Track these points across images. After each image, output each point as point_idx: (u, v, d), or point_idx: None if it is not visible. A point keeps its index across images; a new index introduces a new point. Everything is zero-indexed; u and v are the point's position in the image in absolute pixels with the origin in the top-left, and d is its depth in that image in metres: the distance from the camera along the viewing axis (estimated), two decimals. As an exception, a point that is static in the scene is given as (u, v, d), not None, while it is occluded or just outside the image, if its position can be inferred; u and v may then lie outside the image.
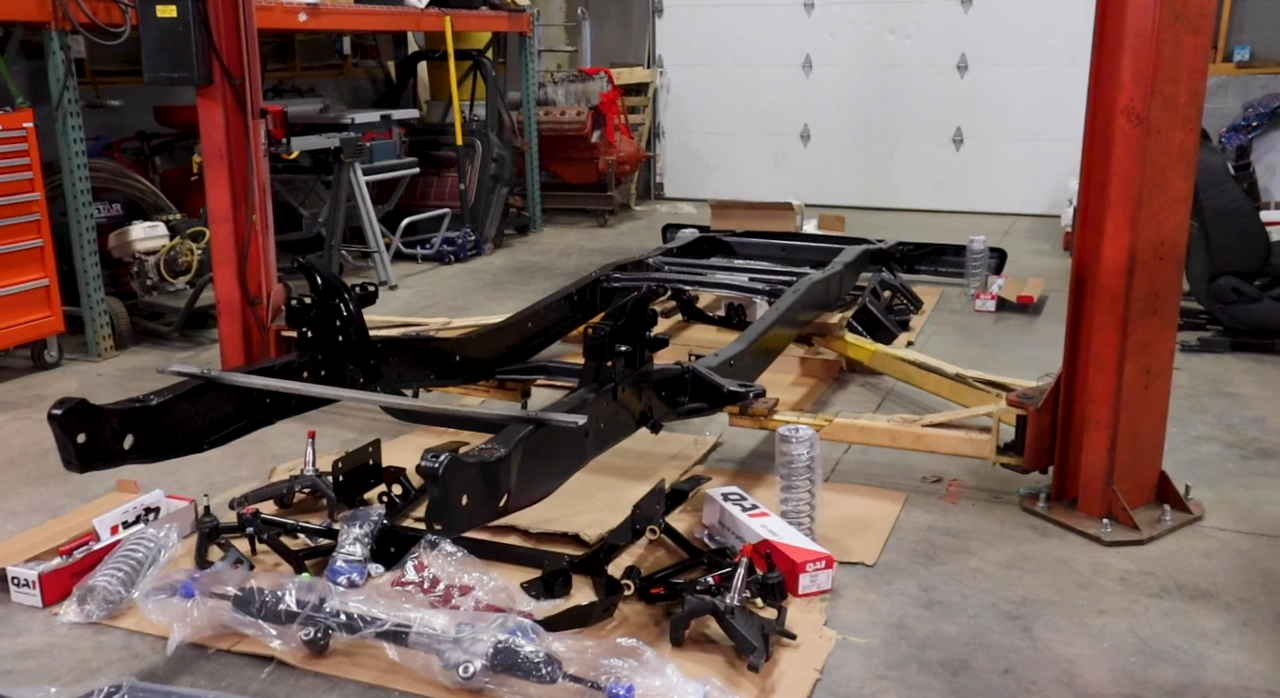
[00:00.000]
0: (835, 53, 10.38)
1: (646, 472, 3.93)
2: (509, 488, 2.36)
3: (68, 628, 2.92)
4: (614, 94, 9.57)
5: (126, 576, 3.01)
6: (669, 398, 3.37)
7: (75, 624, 2.92)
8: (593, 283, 5.07)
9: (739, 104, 10.80)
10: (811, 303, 4.98)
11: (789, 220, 6.86)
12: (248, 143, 4.49)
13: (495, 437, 2.43)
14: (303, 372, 3.25)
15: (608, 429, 2.91)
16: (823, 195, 10.48)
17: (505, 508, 2.38)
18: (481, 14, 8.42)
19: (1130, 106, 3.19)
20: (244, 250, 4.57)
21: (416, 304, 6.73)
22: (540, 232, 9.38)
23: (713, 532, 3.43)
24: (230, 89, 4.43)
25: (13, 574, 3.03)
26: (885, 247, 6.63)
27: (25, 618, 2.97)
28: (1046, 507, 3.60)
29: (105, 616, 2.93)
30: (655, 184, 11.31)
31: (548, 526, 3.42)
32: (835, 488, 3.84)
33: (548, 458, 2.53)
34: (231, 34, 4.38)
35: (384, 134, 7.58)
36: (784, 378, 5.12)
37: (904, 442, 3.77)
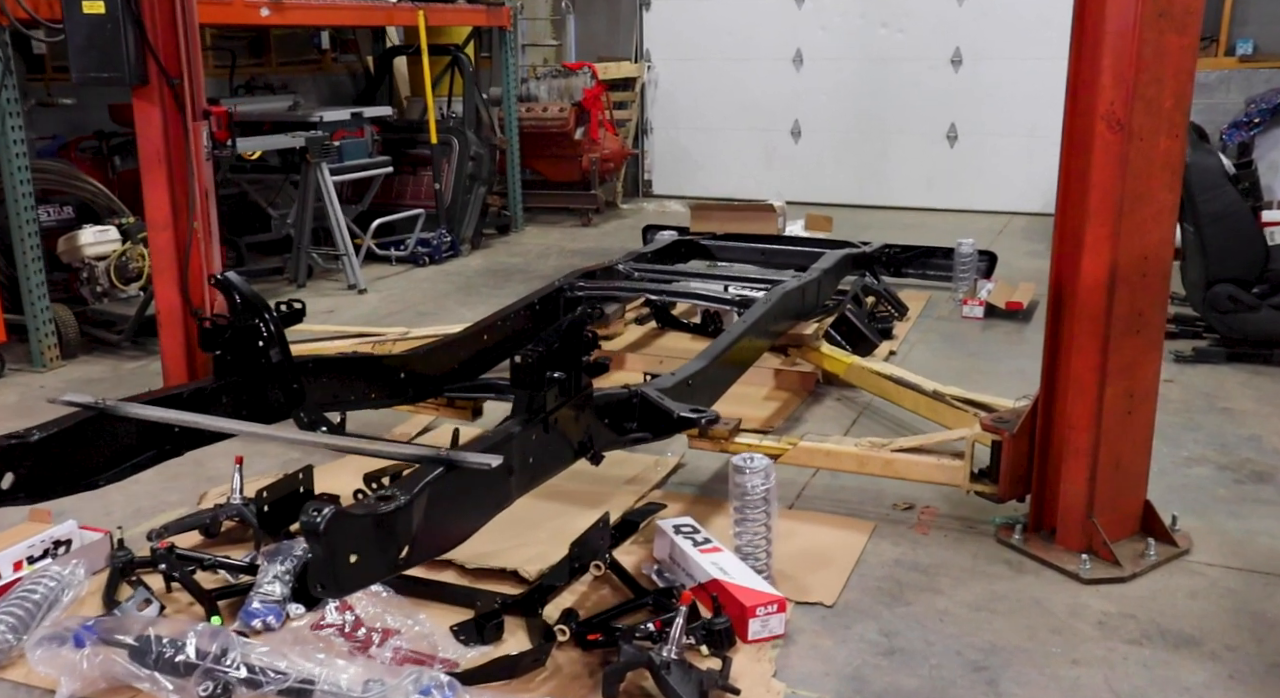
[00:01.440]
0: (826, 47, 10.11)
1: (600, 498, 3.71)
2: (411, 539, 2.13)
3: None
4: (598, 90, 9.32)
5: (20, 620, 2.79)
6: (615, 425, 3.14)
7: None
8: (555, 292, 4.83)
9: (728, 99, 10.55)
10: (786, 312, 4.74)
11: (770, 222, 6.61)
12: (188, 145, 4.24)
13: (399, 481, 2.20)
14: (221, 397, 3.02)
15: (539, 464, 2.67)
16: (814, 193, 10.24)
17: (408, 560, 2.15)
18: (459, 8, 8.17)
19: (1110, 112, 2.95)
20: (185, 259, 4.33)
21: (384, 309, 6.50)
22: (522, 231, 9.14)
23: (664, 567, 3.20)
24: (169, 89, 4.19)
25: (-98, 618, 2.81)
26: (869, 250, 6.39)
27: (-89, 667, 2.75)
28: (1023, 539, 3.37)
29: (-4, 665, 2.71)
30: (644, 181, 11.06)
31: (486, 560, 3.20)
32: (799, 516, 3.61)
33: (461, 502, 2.30)
34: (168, 30, 4.14)
35: (355, 132, 7.35)
36: (757, 391, 4.89)
37: (872, 467, 3.54)
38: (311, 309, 6.49)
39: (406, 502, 2.09)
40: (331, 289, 7.05)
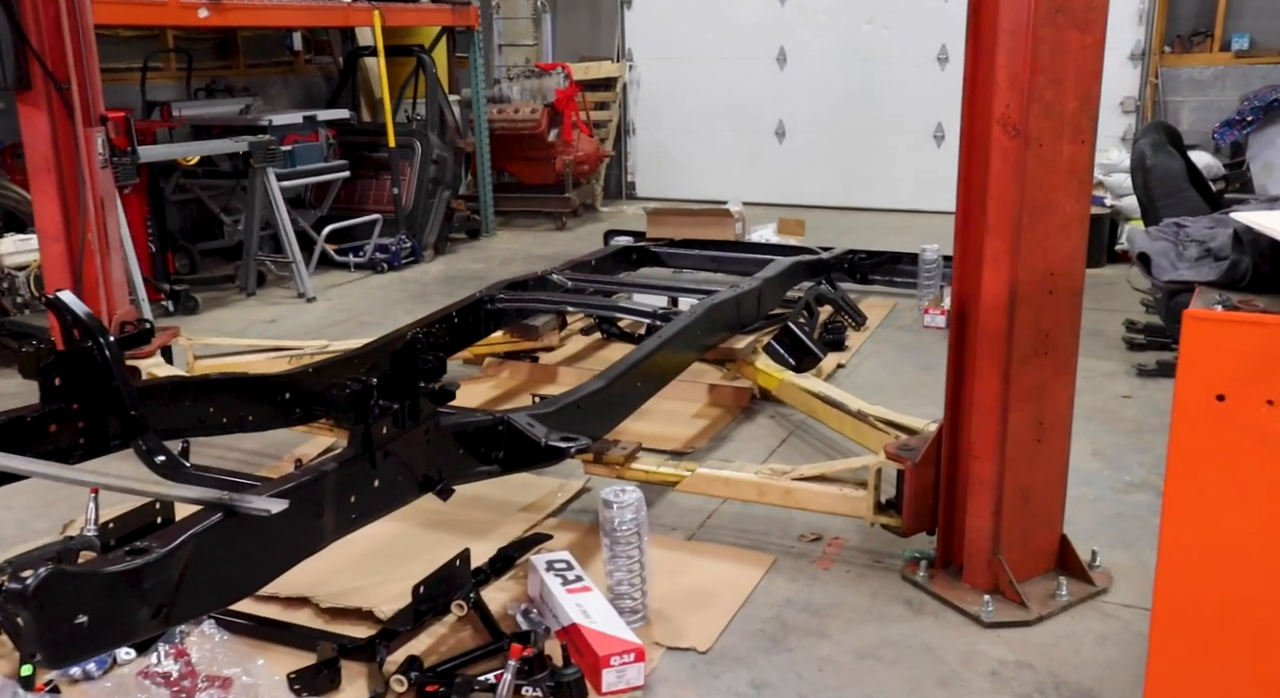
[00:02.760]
0: (810, 45, 9.85)
1: (488, 526, 3.49)
2: (171, 595, 1.92)
3: None
4: (571, 90, 9.11)
5: None
6: (483, 454, 2.92)
7: None
8: (475, 303, 4.62)
9: (711, 99, 10.30)
10: (716, 324, 4.51)
11: (727, 228, 6.38)
12: (79, 153, 4.06)
13: (159, 533, 1.99)
14: (47, 425, 2.82)
15: (365, 501, 2.46)
16: (799, 195, 9.98)
17: (169, 619, 1.94)
18: (421, 8, 7.98)
19: (1006, 116, 2.70)
20: (79, 271, 4.15)
21: (329, 319, 6.32)
22: (493, 235, 8.94)
23: (535, 607, 2.98)
24: (57, 94, 4.02)
25: None
26: (829, 256, 6.14)
27: None
28: (928, 576, 3.12)
29: None
30: (627, 183, 10.84)
31: (343, 599, 2.99)
32: (696, 548, 3.38)
33: (248, 550, 2.09)
34: (54, 32, 3.96)
35: (309, 136, 7.16)
36: (687, 408, 4.66)
37: (771, 497, 3.30)
38: (254, 318, 6.41)
39: (158, 557, 1.88)
40: (282, 297, 6.88)
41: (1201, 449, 1.50)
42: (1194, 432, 1.49)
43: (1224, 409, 1.46)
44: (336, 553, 3.08)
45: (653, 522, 3.57)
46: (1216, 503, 1.52)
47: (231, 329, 6.10)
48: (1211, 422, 1.47)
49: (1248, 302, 1.48)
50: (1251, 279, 1.55)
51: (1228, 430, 1.47)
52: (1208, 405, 1.46)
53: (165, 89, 7.85)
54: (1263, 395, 1.43)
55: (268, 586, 2.93)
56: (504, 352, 5.14)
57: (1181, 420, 1.50)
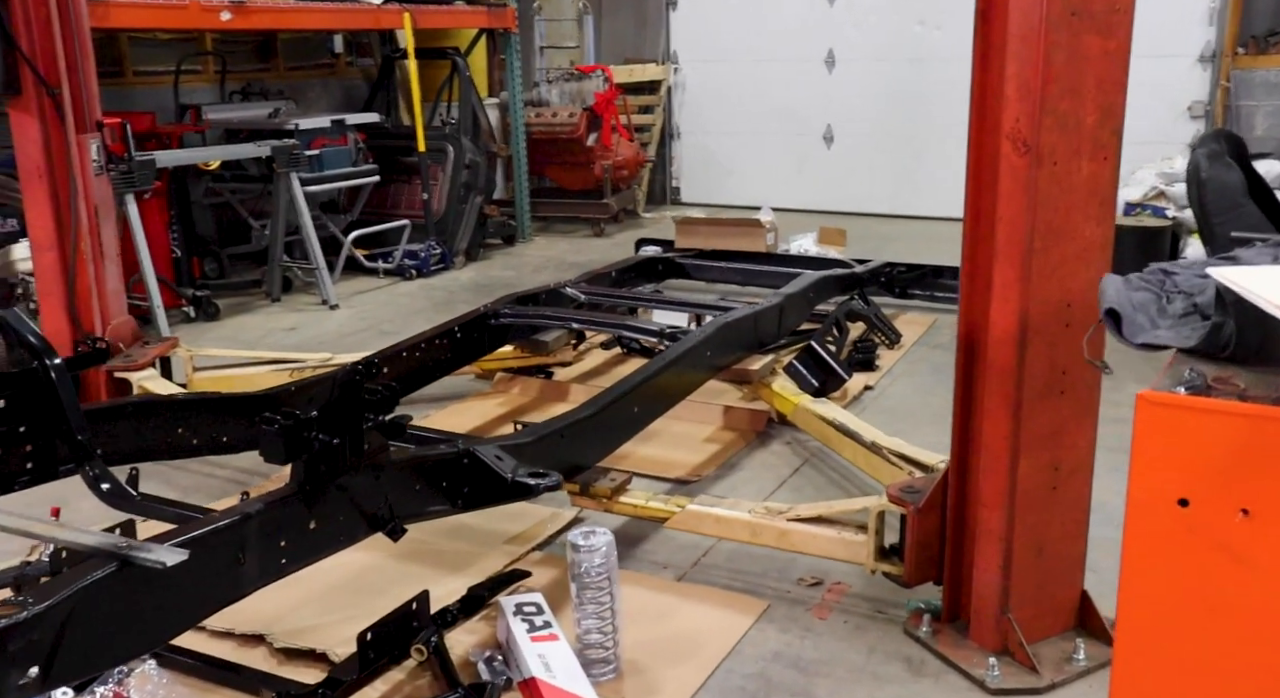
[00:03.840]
0: (860, 46, 9.54)
1: (468, 559, 3.30)
2: (49, 656, 1.75)
3: None
4: (611, 94, 8.91)
5: None
6: (445, 489, 2.73)
7: None
8: (480, 318, 4.44)
9: (758, 103, 10.03)
10: (729, 343, 4.27)
11: (759, 238, 6.13)
12: (71, 160, 3.96)
13: (41, 585, 1.82)
14: (-9, 450, 2.69)
15: (298, 543, 2.28)
16: (846, 201, 9.68)
17: (46, 681, 1.78)
18: (455, 10, 7.83)
19: (1015, 130, 2.43)
20: (72, 281, 4.05)
21: (348, 327, 6.19)
22: (529, 241, 8.78)
23: (501, 653, 2.78)
24: (50, 100, 3.91)
25: None
26: (865, 269, 5.86)
27: None
28: (931, 632, 2.86)
29: None
30: (671, 189, 10.61)
31: (298, 638, 2.82)
32: (686, 590, 3.15)
33: (149, 603, 1.92)
34: (45, 36, 3.86)
35: (337, 140, 7.05)
36: (699, 431, 4.43)
37: (766, 538, 3.06)
38: (274, 325, 6.30)
39: (26, 617, 1.71)
40: (306, 303, 6.77)
41: (1160, 565, 1.23)
42: (1151, 543, 1.23)
43: (1187, 517, 1.20)
44: (301, 585, 2.92)
45: (644, 558, 3.37)
46: (1177, 632, 1.26)
47: (250, 336, 6.01)
48: (1172, 532, 1.21)
49: (1224, 380, 1.21)
50: (1237, 346, 1.27)
51: (1192, 544, 1.20)
52: (1168, 511, 1.19)
53: (202, 92, 7.82)
54: (1235, 503, 1.16)
55: (223, 619, 2.84)
56: (516, 367, 4.96)
57: (1136, 528, 1.23)
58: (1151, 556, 1.22)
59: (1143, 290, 1.40)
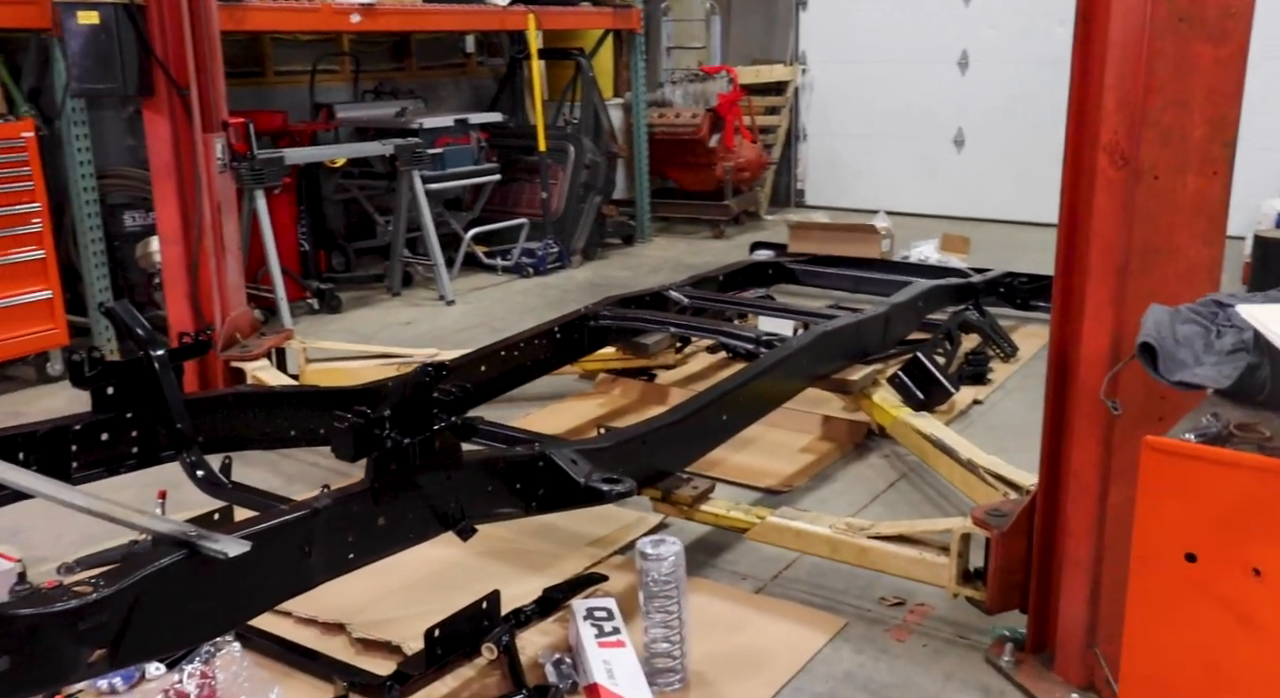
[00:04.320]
0: (996, 48, 9.24)
1: (550, 559, 3.33)
2: (114, 638, 1.84)
3: None
4: (734, 95, 8.85)
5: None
6: (520, 490, 2.76)
7: None
8: (579, 319, 4.47)
9: (887, 105, 9.82)
10: (829, 353, 4.20)
11: (873, 244, 6.00)
12: (197, 158, 4.15)
13: (111, 570, 1.91)
14: (100, 433, 2.84)
15: (366, 541, 2.33)
16: (976, 207, 9.41)
17: (115, 661, 1.86)
18: (580, 11, 7.91)
19: (1113, 143, 2.31)
20: (195, 273, 4.25)
21: (462, 323, 6.32)
22: (648, 242, 8.80)
23: (570, 656, 2.79)
24: (179, 100, 4.11)
25: None
26: (984, 278, 5.67)
27: None
28: (1014, 662, 2.75)
29: None
30: (795, 191, 10.48)
31: (376, 630, 2.89)
32: (763, 604, 3.11)
33: (208, 593, 1.99)
34: (177, 41, 4.05)
35: (461, 139, 7.21)
36: (796, 440, 4.36)
37: (845, 555, 2.99)
38: (391, 319, 6.48)
39: (96, 599, 1.80)
40: (424, 298, 6.95)
41: (1164, 621, 1.14)
42: (1156, 598, 1.14)
43: (1195, 574, 1.10)
44: (385, 577, 3.01)
45: (724, 568, 3.34)
46: (1178, 693, 1.16)
47: (368, 329, 6.20)
48: (1178, 588, 1.11)
49: (1249, 427, 1.11)
50: (1272, 390, 1.15)
51: (1198, 602, 1.10)
52: (1174, 566, 1.10)
53: (337, 91, 8.09)
54: (1246, 561, 1.06)
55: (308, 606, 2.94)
56: (619, 368, 4.98)
57: (1140, 582, 1.14)
58: (1156, 611, 1.14)
59: (1191, 323, 1.30)
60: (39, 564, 3.33)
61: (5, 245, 4.92)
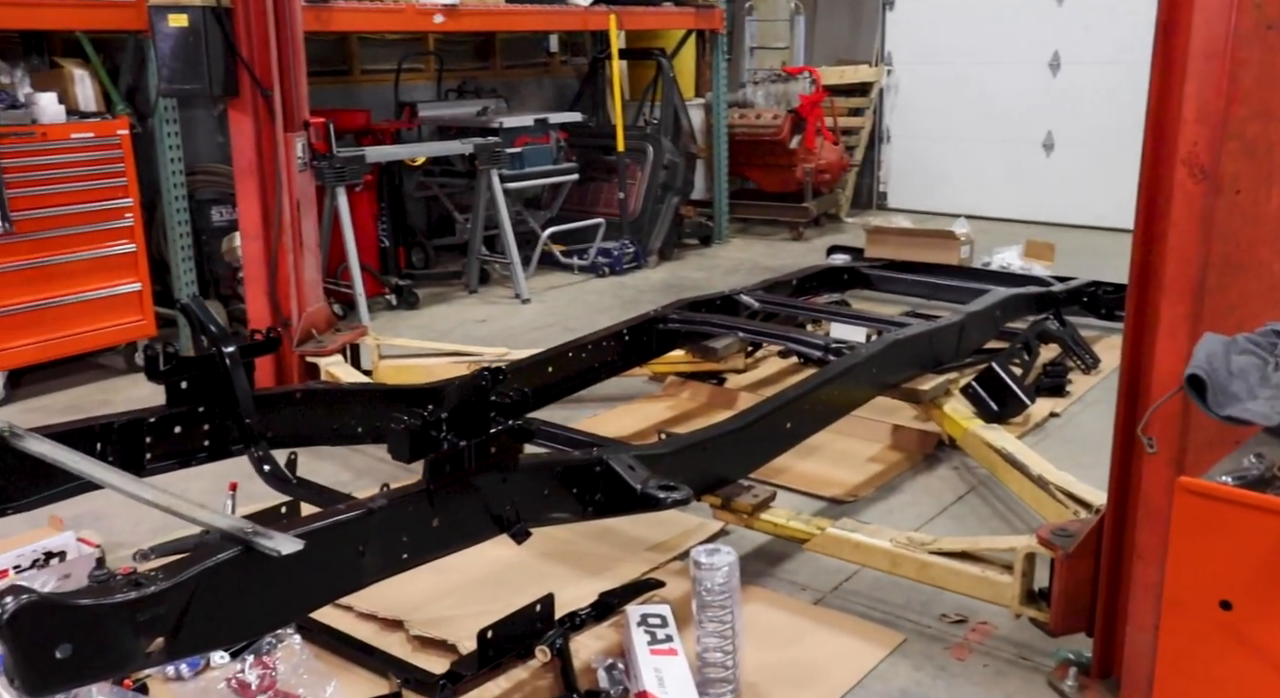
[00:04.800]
0: (1089, 49, 8.99)
1: (609, 563, 3.34)
2: (173, 629, 1.89)
3: (-116, 687, 2.75)
4: (817, 96, 8.76)
5: (-39, 634, 2.81)
6: (577, 495, 2.76)
7: (-108, 684, 2.75)
8: (648, 322, 4.47)
9: (974, 107, 9.63)
10: (900, 361, 4.13)
11: (952, 251, 5.88)
12: (278, 156, 4.25)
13: (170, 564, 1.96)
14: (174, 426, 2.92)
15: (420, 542, 2.36)
16: (1065, 213, 9.18)
17: (172, 652, 1.91)
18: (662, 11, 7.90)
19: (1192, 155, 2.23)
20: (273, 268, 4.35)
21: (536, 322, 6.37)
22: (725, 243, 8.76)
23: (623, 662, 2.79)
24: (263, 100, 4.21)
25: None
26: (1066, 287, 5.52)
27: None
28: (1077, 686, 2.67)
29: (-78, 680, 2.74)
30: (878, 193, 10.34)
31: (433, 628, 2.92)
32: (821, 615, 3.07)
33: (262, 588, 2.04)
34: (262, 43, 4.15)
35: (540, 138, 7.26)
36: (864, 448, 4.30)
37: (905, 569, 2.94)
38: (466, 317, 6.56)
39: (155, 591, 1.85)
40: (500, 296, 7.02)
41: (1197, 669, 1.08)
42: (1188, 644, 1.08)
43: (1230, 622, 1.04)
44: (445, 575, 3.05)
45: (784, 577, 3.31)
46: None
47: (443, 326, 6.28)
48: (1212, 635, 1.06)
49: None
50: None
51: (1233, 651, 1.05)
52: (1208, 613, 1.05)
53: (422, 90, 8.22)
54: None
55: (369, 602, 2.99)
56: (688, 371, 4.96)
57: (1172, 627, 1.09)
58: (1188, 658, 1.09)
59: (1249, 354, 1.24)
60: (117, 549, 3.45)
61: (99, 239, 5.10)
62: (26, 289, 4.85)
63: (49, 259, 4.91)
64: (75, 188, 4.95)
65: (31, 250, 4.85)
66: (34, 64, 5.26)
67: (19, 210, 4.73)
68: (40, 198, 4.83)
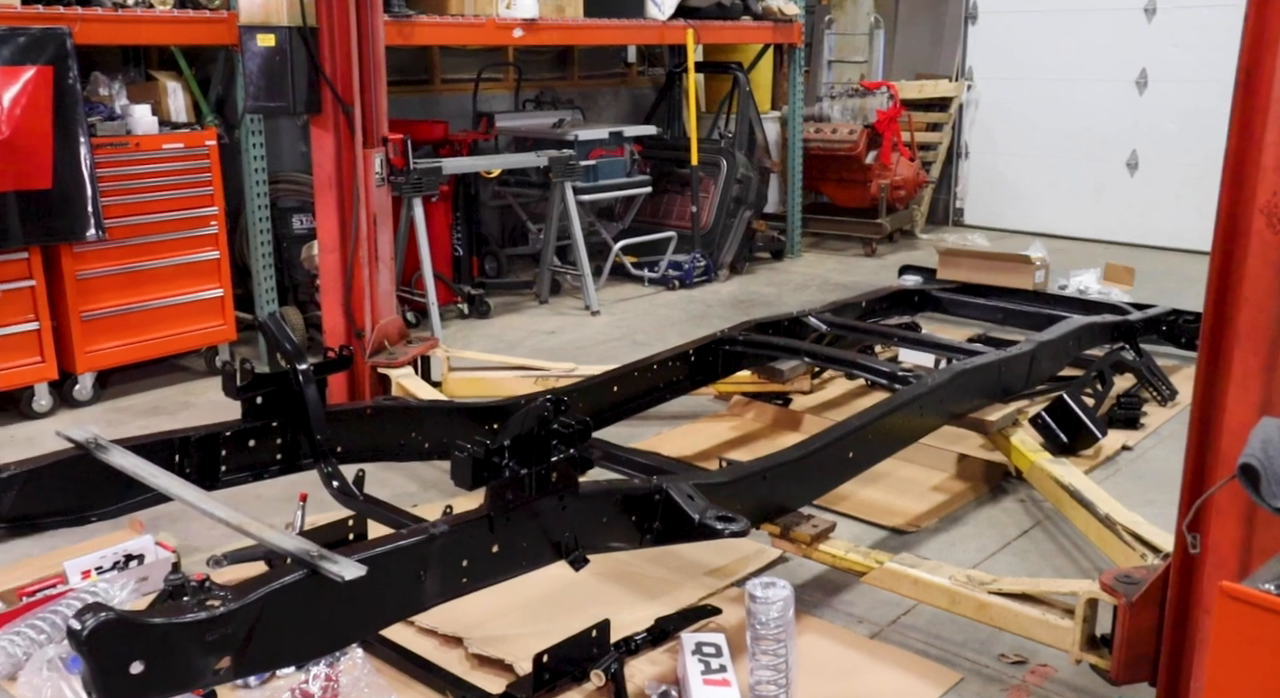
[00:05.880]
0: (1178, 67, 8.78)
1: (667, 587, 3.36)
2: (240, 648, 1.96)
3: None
4: (894, 112, 8.69)
5: (45, 634, 2.93)
6: (636, 523, 2.79)
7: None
8: (715, 343, 4.48)
9: (1056, 124, 9.46)
10: (968, 390, 4.08)
11: (1026, 276, 5.79)
12: (357, 172, 4.35)
13: (242, 583, 2.03)
14: (248, 440, 3.02)
15: (480, 567, 2.41)
16: (1149, 234, 8.99)
17: (238, 670, 1.99)
18: (740, 25, 7.90)
19: (1271, 205, 2.18)
20: (349, 280, 4.45)
21: (604, 335, 6.42)
22: (797, 257, 8.73)
23: (677, 689, 2.82)
24: (344, 117, 4.32)
25: (-44, 612, 3.06)
26: (1144, 316, 5.40)
27: (-50, 661, 2.98)
28: (1137, 737, 2.62)
29: (4, 677, 2.86)
30: (954, 209, 10.21)
31: (491, 646, 2.97)
32: (877, 650, 3.06)
33: (325, 611, 2.10)
34: (345, 61, 4.26)
35: (614, 151, 7.31)
36: (928, 477, 4.27)
37: (964, 608, 2.91)
38: (537, 328, 6.64)
39: (224, 612, 1.92)
40: (571, 307, 7.08)
41: None
42: None
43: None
44: (505, 594, 3.08)
45: (841, 609, 3.30)
46: None
47: (513, 337, 6.36)
48: None
49: None
50: None
51: None
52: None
53: (500, 99, 8.33)
54: None
55: (430, 617, 3.05)
56: (753, 392, 4.97)
57: None
58: None
59: (1309, 441, 1.22)
60: (192, 553, 3.56)
61: (186, 246, 5.27)
62: (117, 294, 5.03)
63: (138, 265, 5.09)
64: (165, 196, 5.13)
65: (122, 256, 5.03)
66: (131, 77, 5.45)
67: (112, 218, 4.91)
68: (132, 206, 5.02)
